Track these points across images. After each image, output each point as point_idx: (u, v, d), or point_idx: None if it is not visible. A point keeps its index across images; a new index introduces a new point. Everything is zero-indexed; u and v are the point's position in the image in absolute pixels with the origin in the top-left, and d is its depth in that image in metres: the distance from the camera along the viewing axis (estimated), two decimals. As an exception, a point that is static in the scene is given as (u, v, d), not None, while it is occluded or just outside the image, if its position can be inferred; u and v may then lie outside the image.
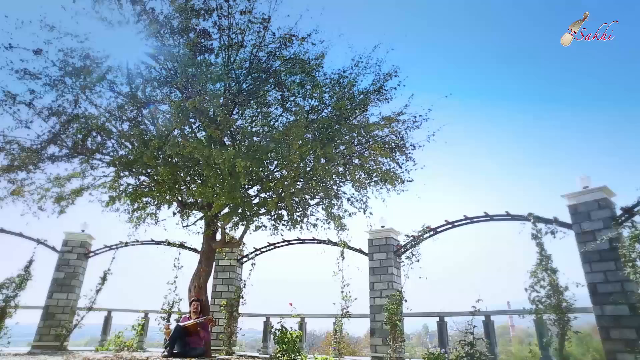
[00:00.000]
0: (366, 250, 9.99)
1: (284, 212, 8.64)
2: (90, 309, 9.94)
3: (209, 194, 6.50)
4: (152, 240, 11.27)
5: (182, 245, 11.14)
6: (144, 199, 8.94)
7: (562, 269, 7.19)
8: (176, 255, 10.89)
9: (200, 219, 9.61)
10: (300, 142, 5.96)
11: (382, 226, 9.95)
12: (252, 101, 6.94)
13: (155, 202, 9.06)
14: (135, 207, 8.83)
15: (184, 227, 9.68)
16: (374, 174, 7.22)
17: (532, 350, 7.29)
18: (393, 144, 7.70)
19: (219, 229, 8.75)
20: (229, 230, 9.58)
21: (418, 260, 8.82)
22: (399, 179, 7.90)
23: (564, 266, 7.26)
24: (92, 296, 10.04)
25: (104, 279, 10.28)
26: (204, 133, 7.03)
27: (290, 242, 10.90)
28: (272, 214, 8.64)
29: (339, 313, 9.13)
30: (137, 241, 11.17)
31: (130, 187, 8.54)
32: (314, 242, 10.59)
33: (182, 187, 6.91)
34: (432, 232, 9.16)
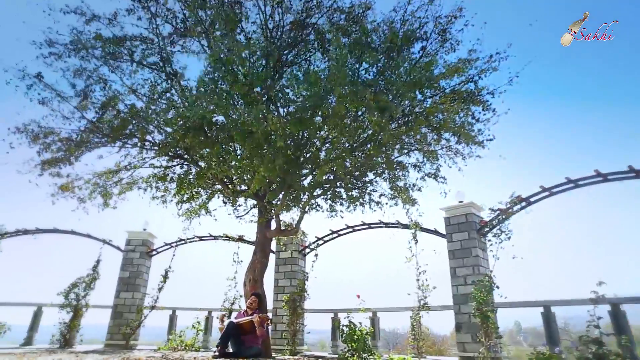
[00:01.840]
0: (443, 230, 8.49)
1: (342, 191, 7.53)
2: (153, 307, 9.67)
3: (246, 168, 5.59)
4: (210, 235, 10.81)
5: (240, 239, 10.51)
6: (194, 190, 8.40)
7: None
8: (235, 249, 10.29)
9: (253, 207, 8.87)
10: (346, 88, 4.77)
11: (460, 201, 8.38)
12: (292, 56, 5.91)
13: (205, 190, 8.48)
14: (184, 197, 8.30)
15: (237, 217, 9.04)
16: (443, 129, 5.78)
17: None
18: (464, 94, 6.19)
19: (273, 216, 7.88)
20: (284, 215, 8.73)
21: (509, 238, 7.16)
22: (474, 139, 6.37)
23: None
24: (155, 294, 9.77)
25: (165, 277, 9.97)
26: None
27: (355, 228, 9.73)
28: (328, 194, 7.56)
29: (415, 305, 7.77)
30: (196, 237, 10.79)
31: (176, 175, 8.03)
32: (381, 226, 9.31)
33: (226, 166, 6.08)
34: (524, 203, 7.42)
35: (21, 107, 5.86)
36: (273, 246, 10.46)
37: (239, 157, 5.83)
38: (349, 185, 6.83)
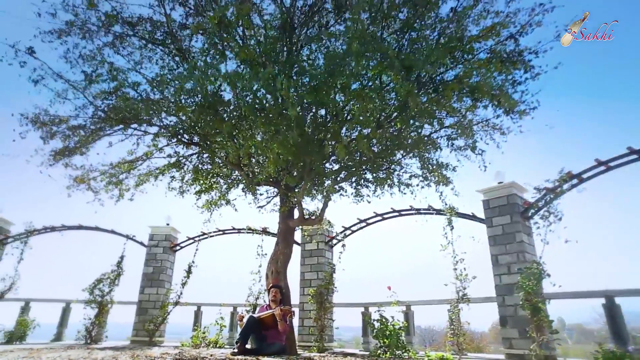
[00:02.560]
0: (481, 215, 7.71)
1: (367, 174, 6.91)
2: (177, 303, 9.39)
3: (259, 146, 5.08)
4: (233, 228, 10.44)
5: (264, 231, 10.10)
6: (212, 180, 8.02)
7: None
8: (259, 242, 9.87)
9: (275, 196, 8.40)
10: (363, 48, 4.15)
11: (499, 182, 7.57)
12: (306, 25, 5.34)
13: (224, 180, 8.08)
14: (202, 188, 7.92)
15: (258, 207, 8.60)
16: (479, 94, 5.04)
17: None
18: (503, 54, 5.42)
19: (295, 205, 7.37)
20: (308, 204, 8.21)
21: (559, 219, 6.32)
22: (516, 105, 5.58)
23: None
24: (179, 290, 9.49)
25: (188, 271, 9.67)
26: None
27: (384, 216, 9.08)
28: (353, 177, 6.96)
29: (453, 297, 7.05)
30: (218, 230, 10.45)
31: (192, 164, 7.66)
32: (412, 213, 8.62)
33: (238, 145, 5.59)
34: (575, 180, 6.54)
35: (26, 93, 5.60)
36: (298, 238, 9.99)
37: (249, 134, 5.31)
38: (375, 166, 6.19)
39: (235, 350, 5.64)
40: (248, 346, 6.15)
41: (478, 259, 7.62)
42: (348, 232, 9.43)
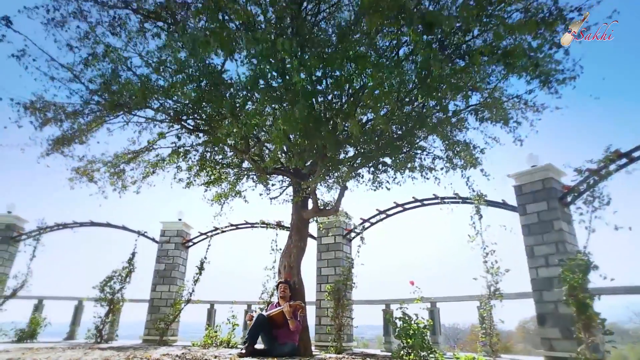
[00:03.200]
0: (513, 202, 6.99)
1: (386, 157, 6.30)
2: (188, 301, 9.01)
3: (262, 123, 4.57)
4: (246, 223, 10.00)
5: (279, 225, 9.61)
6: (221, 171, 7.57)
7: None
8: (273, 237, 9.40)
9: (287, 186, 7.90)
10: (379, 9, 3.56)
11: (533, 165, 6.84)
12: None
13: (233, 170, 7.63)
14: (210, 178, 7.49)
15: (270, 199, 8.11)
16: (511, 58, 4.36)
17: None
18: (540, 11, 4.71)
19: (309, 194, 6.84)
20: (324, 195, 7.66)
21: (608, 204, 5.56)
22: (556, 71, 4.88)
23: None
24: (190, 287, 9.10)
25: (200, 268, 9.28)
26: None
27: (405, 207, 8.44)
28: (370, 163, 6.37)
29: (484, 293, 6.38)
30: (231, 225, 10.03)
31: (198, 152, 7.23)
32: (436, 202, 7.95)
33: (240, 123, 5.08)
34: (624, 160, 5.76)
35: (20, 80, 5.25)
36: (314, 231, 9.47)
37: (250, 109, 4.78)
38: (395, 148, 5.57)
39: (243, 351, 5.15)
40: (260, 346, 5.69)
41: (509, 251, 6.92)
42: (367, 224, 8.83)
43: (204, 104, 5.74)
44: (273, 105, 4.82)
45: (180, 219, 10.48)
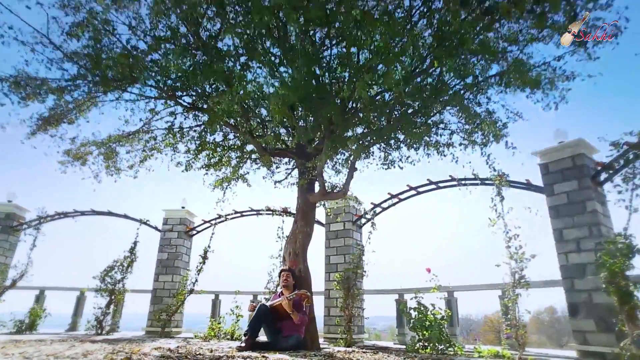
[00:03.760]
0: (537, 182, 6.38)
1: (399, 133, 5.74)
2: (191, 291, 8.61)
3: (260, 89, 4.04)
4: (251, 209, 9.55)
5: (285, 211, 9.13)
6: (223, 154, 7.11)
7: None
8: (279, 224, 8.91)
9: (293, 168, 7.40)
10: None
11: (561, 142, 6.21)
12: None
13: (235, 152, 7.16)
14: (211, 161, 7.03)
15: (274, 183, 7.62)
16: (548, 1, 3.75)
17: None
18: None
19: (316, 176, 6.33)
20: (332, 178, 7.15)
21: (650, 180, 4.93)
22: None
23: None
24: (194, 277, 8.69)
25: (204, 257, 8.84)
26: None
27: (419, 190, 7.87)
28: (382, 139, 5.81)
29: (507, 281, 5.81)
30: (236, 212, 9.59)
31: (197, 133, 6.77)
32: (452, 184, 7.37)
33: (234, 91, 4.56)
34: (669, 132, 5.10)
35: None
36: (322, 217, 8.98)
37: (249, 79, 4.27)
38: (409, 119, 5.01)
39: (242, 344, 4.70)
40: (263, 339, 5.24)
41: (532, 236, 6.33)
42: (378, 209, 8.29)
43: (199, 75, 5.26)
44: (271, 73, 4.29)
45: (183, 207, 10.08)
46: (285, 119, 5.34)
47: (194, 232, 10.08)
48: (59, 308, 10.53)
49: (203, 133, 6.73)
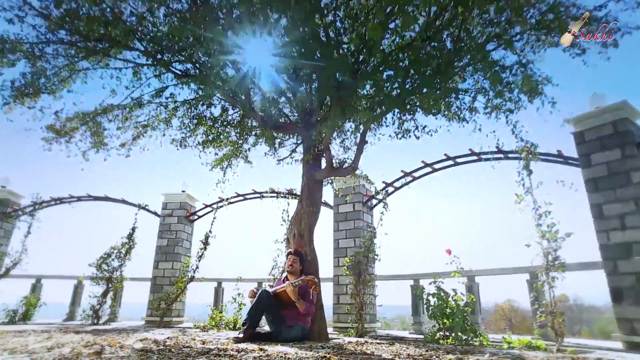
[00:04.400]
0: (571, 153, 5.69)
1: (415, 98, 5.07)
2: (192, 279, 8.10)
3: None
4: (255, 192, 8.99)
5: (290, 193, 8.55)
6: (221, 128, 6.54)
7: None
8: (285, 207, 8.32)
9: (299, 144, 6.80)
10: None
11: (597, 107, 5.50)
12: None
13: (235, 130, 6.58)
14: (209, 137, 6.47)
15: (277, 161, 7.04)
16: None
17: None
18: None
19: (322, 151, 5.74)
20: (340, 152, 6.55)
21: None
22: None
23: None
24: (194, 264, 8.17)
25: (205, 243, 8.29)
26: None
27: (435, 167, 7.22)
28: (397, 106, 5.15)
29: (539, 264, 5.17)
30: (238, 194, 9.03)
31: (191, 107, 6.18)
32: (472, 159, 6.71)
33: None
34: None
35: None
36: (330, 199, 8.38)
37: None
38: (428, 81, 4.35)
39: (240, 335, 4.15)
40: (265, 328, 4.71)
41: (562, 213, 5.66)
42: (390, 189, 7.65)
43: (189, 36, 4.65)
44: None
45: (183, 191, 9.54)
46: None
47: (195, 217, 9.56)
48: (57, 297, 10.16)
49: (199, 105, 6.16)
